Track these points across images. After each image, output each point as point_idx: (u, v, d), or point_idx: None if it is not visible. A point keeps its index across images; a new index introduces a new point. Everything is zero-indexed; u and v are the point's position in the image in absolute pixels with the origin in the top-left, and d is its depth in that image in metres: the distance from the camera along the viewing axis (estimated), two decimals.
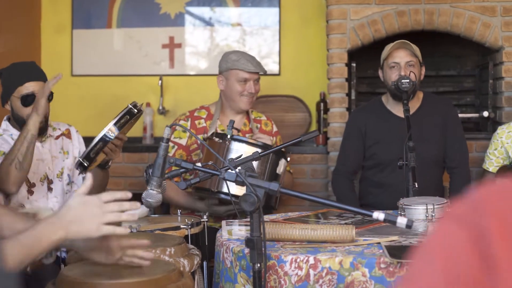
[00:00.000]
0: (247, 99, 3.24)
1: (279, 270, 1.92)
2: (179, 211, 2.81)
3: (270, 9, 4.59)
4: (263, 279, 1.75)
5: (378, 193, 3.22)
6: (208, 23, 4.67)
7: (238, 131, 3.10)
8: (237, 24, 4.65)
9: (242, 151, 2.77)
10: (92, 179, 1.60)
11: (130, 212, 1.59)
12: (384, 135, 3.21)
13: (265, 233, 1.75)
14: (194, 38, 4.68)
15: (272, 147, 2.85)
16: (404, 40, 3.15)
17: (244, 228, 2.18)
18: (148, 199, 1.97)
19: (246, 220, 2.23)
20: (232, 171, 1.82)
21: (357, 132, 3.27)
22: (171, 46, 4.66)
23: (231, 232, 2.21)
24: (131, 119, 2.48)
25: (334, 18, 3.90)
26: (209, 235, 2.54)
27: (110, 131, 2.41)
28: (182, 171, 1.97)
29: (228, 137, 2.80)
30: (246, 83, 3.21)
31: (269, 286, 1.92)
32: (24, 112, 2.77)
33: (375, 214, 1.68)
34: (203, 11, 4.67)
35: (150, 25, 4.67)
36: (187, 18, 4.67)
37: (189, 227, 2.43)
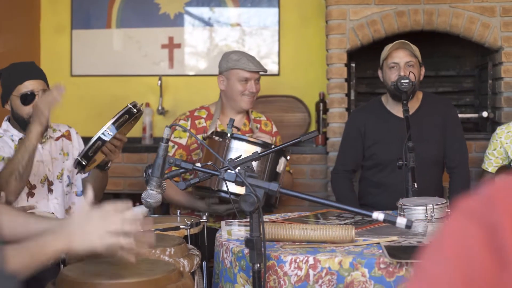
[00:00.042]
0: (248, 99, 3.24)
1: (279, 270, 1.92)
2: (178, 211, 2.81)
3: (269, 9, 4.59)
4: (262, 279, 1.75)
5: (377, 193, 3.22)
6: (207, 23, 4.67)
7: (238, 130, 3.10)
8: (236, 24, 4.65)
9: (242, 149, 2.77)
10: (93, 192, 1.62)
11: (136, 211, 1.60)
12: (384, 135, 3.21)
13: (264, 233, 1.75)
14: (193, 38, 4.68)
15: (271, 145, 2.85)
16: (404, 41, 3.15)
17: (244, 228, 2.18)
18: (147, 199, 1.97)
19: (245, 220, 2.23)
20: (231, 171, 1.82)
21: (356, 132, 3.27)
22: (171, 46, 4.66)
23: (231, 232, 2.21)
24: (130, 119, 2.48)
25: (334, 18, 3.90)
26: (208, 236, 2.54)
27: (108, 130, 2.41)
28: (182, 171, 1.97)
29: (228, 135, 2.80)
30: (247, 83, 3.22)
31: (268, 286, 1.92)
32: (24, 111, 2.77)
33: (374, 214, 1.68)
34: (203, 11, 4.67)
35: (149, 25, 4.67)
36: (187, 18, 4.67)
37: (188, 227, 2.43)
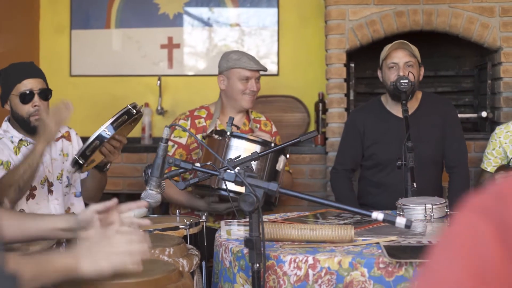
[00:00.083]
0: (249, 98, 3.25)
1: (278, 270, 1.92)
2: (178, 211, 2.81)
3: (268, 9, 4.59)
4: (262, 279, 1.75)
5: (377, 193, 3.22)
6: (206, 23, 4.67)
7: (238, 128, 3.11)
8: (235, 25, 4.65)
9: (242, 147, 2.77)
10: (99, 221, 1.67)
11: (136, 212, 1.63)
12: (383, 135, 3.21)
13: (264, 233, 1.75)
14: (192, 39, 4.68)
15: (271, 143, 2.85)
16: (403, 41, 3.15)
17: (243, 228, 2.18)
18: (147, 199, 1.97)
19: (245, 220, 2.23)
20: (231, 171, 1.82)
21: (355, 132, 3.27)
22: (170, 46, 4.66)
23: (230, 232, 2.21)
24: (129, 120, 2.47)
25: (333, 18, 3.90)
26: (207, 235, 2.54)
27: (106, 130, 2.41)
28: (181, 171, 1.97)
29: (228, 134, 2.80)
30: (248, 82, 3.23)
31: (268, 286, 1.92)
32: (23, 110, 2.77)
33: (374, 214, 1.68)
34: (202, 12, 4.67)
35: (148, 25, 4.67)
36: (186, 19, 4.67)
37: (188, 227, 2.43)
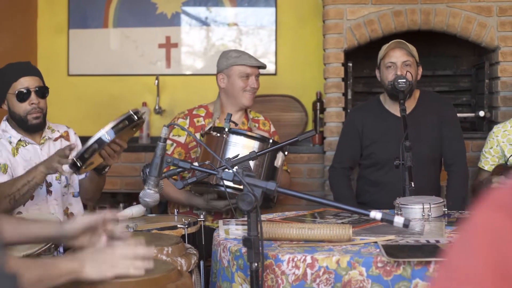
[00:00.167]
0: (250, 95, 3.25)
1: (276, 269, 1.92)
2: (176, 211, 2.81)
3: (266, 9, 4.60)
4: (260, 278, 1.76)
5: (375, 191, 3.23)
6: (204, 23, 4.67)
7: (236, 125, 3.11)
8: (233, 24, 4.65)
9: (241, 144, 2.77)
10: (105, 237, 1.70)
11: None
12: (382, 134, 3.21)
13: (262, 232, 1.75)
14: (190, 38, 4.68)
15: (269, 139, 2.85)
16: (400, 40, 3.15)
17: (241, 227, 2.18)
18: (145, 199, 1.97)
19: (243, 219, 2.23)
20: (229, 170, 1.82)
21: (354, 131, 3.27)
22: (168, 46, 4.66)
23: (228, 231, 2.21)
24: (129, 125, 2.46)
25: (331, 18, 3.91)
26: (206, 235, 2.55)
27: (106, 134, 2.40)
28: (180, 170, 1.97)
29: (226, 130, 2.80)
30: (248, 79, 3.23)
31: (266, 285, 1.92)
32: (21, 108, 2.78)
33: (372, 213, 1.68)
34: (199, 11, 4.67)
35: (146, 25, 4.67)
36: (184, 18, 4.67)
37: (186, 226, 2.43)
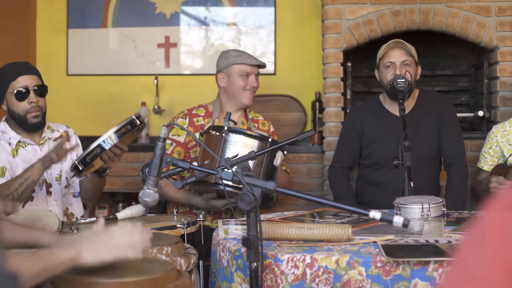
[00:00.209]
0: (250, 94, 3.26)
1: (276, 269, 1.92)
2: (175, 210, 2.81)
3: (265, 8, 4.60)
4: (259, 278, 1.76)
5: (374, 191, 3.23)
6: (203, 22, 4.67)
7: (235, 124, 3.11)
8: (232, 24, 4.65)
9: (240, 143, 2.77)
10: (104, 222, 1.72)
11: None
12: (382, 134, 3.21)
13: (261, 232, 1.75)
14: (189, 38, 4.68)
15: (269, 138, 2.85)
16: (399, 40, 3.15)
17: (241, 227, 2.18)
18: (144, 198, 1.97)
19: (242, 219, 2.23)
20: (228, 170, 1.82)
21: (353, 131, 3.27)
22: (167, 45, 4.66)
23: (228, 231, 2.21)
24: (132, 130, 2.46)
25: (330, 17, 3.91)
26: (205, 235, 2.55)
27: (109, 139, 2.40)
28: (179, 170, 1.97)
29: (225, 129, 2.80)
30: (248, 77, 3.24)
31: (265, 285, 1.92)
32: (20, 107, 2.78)
33: (371, 213, 1.68)
34: (199, 11, 4.67)
35: (145, 24, 4.67)
36: (183, 18, 4.67)
37: (185, 226, 2.43)
